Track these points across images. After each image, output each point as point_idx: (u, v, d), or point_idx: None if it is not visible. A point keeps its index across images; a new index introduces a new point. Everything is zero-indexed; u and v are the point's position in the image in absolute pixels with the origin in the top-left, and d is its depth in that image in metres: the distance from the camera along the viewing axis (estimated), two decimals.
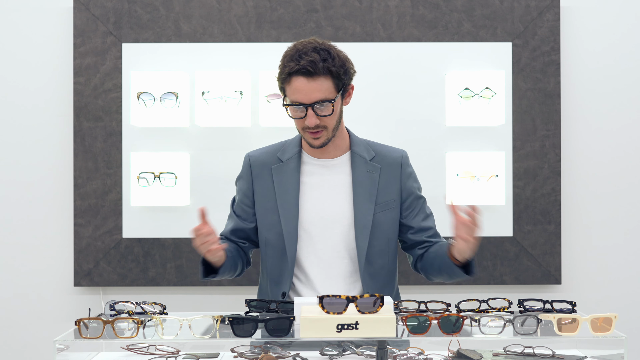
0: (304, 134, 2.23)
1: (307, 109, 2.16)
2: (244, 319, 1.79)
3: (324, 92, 2.16)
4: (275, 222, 2.26)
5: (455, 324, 1.79)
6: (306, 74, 2.14)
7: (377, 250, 2.26)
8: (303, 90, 2.15)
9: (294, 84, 2.16)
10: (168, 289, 3.33)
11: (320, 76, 2.14)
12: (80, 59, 3.27)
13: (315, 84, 2.15)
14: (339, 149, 2.31)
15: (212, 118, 3.21)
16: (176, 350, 2.06)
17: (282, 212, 2.25)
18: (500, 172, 3.25)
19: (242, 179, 2.37)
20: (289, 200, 2.26)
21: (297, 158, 2.30)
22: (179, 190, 3.24)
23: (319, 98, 2.15)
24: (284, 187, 2.27)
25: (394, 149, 2.38)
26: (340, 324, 1.73)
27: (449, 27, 3.30)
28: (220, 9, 3.29)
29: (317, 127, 2.19)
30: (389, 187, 2.29)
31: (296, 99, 2.16)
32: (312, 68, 2.13)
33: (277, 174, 2.29)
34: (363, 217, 2.24)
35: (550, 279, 3.31)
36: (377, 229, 2.26)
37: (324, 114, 2.18)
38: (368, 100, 3.29)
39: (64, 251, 3.34)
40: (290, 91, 2.17)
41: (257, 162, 2.34)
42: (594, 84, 3.36)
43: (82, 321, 1.79)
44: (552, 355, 1.98)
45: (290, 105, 2.19)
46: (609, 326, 1.83)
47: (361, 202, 2.24)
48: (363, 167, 2.28)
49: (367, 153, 2.31)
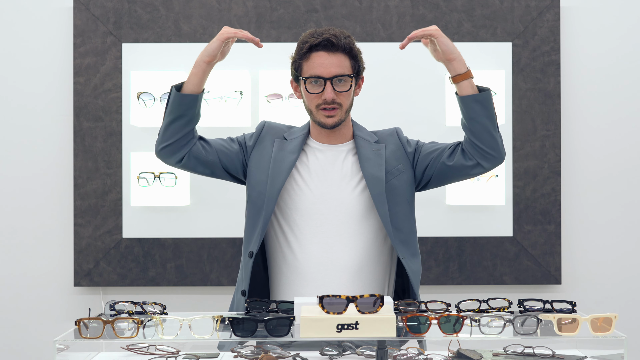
0: (317, 113, 2.25)
1: (325, 83, 2.19)
2: (244, 319, 1.79)
3: (342, 67, 2.21)
4: (261, 182, 2.27)
5: (455, 324, 1.79)
6: (327, 47, 2.19)
7: (401, 215, 2.28)
8: (323, 63, 2.19)
9: (314, 58, 2.21)
10: (168, 289, 3.33)
11: (339, 52, 2.21)
12: (80, 59, 3.28)
13: (335, 59, 2.20)
14: (344, 136, 2.34)
15: (212, 118, 3.21)
16: (176, 350, 2.06)
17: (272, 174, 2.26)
18: (500, 172, 3.25)
19: (246, 133, 2.41)
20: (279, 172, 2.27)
21: (301, 139, 2.33)
22: (179, 190, 3.24)
23: (339, 72, 2.20)
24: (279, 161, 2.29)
25: (387, 129, 2.44)
26: (340, 324, 1.73)
27: (449, 27, 3.30)
28: (220, 9, 3.29)
29: (334, 103, 2.22)
30: (395, 157, 2.33)
31: (315, 72, 2.20)
32: (335, 40, 2.20)
33: (278, 147, 2.32)
34: (376, 186, 2.25)
35: (550, 279, 3.31)
36: (394, 194, 2.28)
37: (342, 89, 2.22)
38: (368, 100, 3.29)
39: (64, 251, 3.34)
40: (310, 66, 2.21)
41: (268, 130, 2.37)
42: (594, 84, 3.36)
43: (82, 321, 1.79)
44: (552, 355, 1.98)
45: (309, 78, 2.21)
46: (609, 326, 1.83)
47: (371, 174, 2.26)
48: (368, 147, 2.32)
49: (370, 137, 2.36)
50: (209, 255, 3.29)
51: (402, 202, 2.30)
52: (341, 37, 2.21)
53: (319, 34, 2.21)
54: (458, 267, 3.31)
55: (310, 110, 2.27)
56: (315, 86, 2.21)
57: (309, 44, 2.20)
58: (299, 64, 2.23)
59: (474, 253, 3.31)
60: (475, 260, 3.31)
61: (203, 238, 3.29)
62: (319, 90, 2.21)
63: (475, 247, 3.31)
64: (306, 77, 2.21)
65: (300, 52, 2.23)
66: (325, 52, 2.20)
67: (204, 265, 3.29)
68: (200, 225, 3.29)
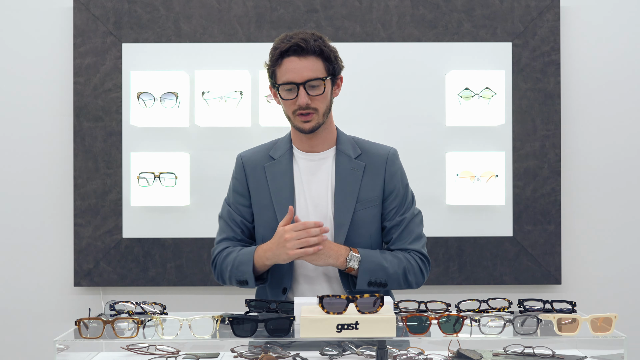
0: (294, 119, 2.23)
1: (298, 88, 2.17)
2: (244, 319, 1.79)
3: (315, 71, 2.18)
4: (271, 219, 2.26)
5: (455, 324, 1.79)
6: (297, 51, 2.16)
7: (357, 246, 2.25)
8: (294, 69, 2.17)
9: (286, 64, 2.18)
10: (168, 289, 3.33)
11: (311, 55, 2.17)
12: (80, 59, 3.28)
13: (306, 62, 2.17)
14: (326, 142, 2.31)
15: (212, 118, 3.21)
16: (176, 350, 2.06)
17: (278, 209, 2.25)
18: (500, 172, 3.25)
19: (236, 180, 2.35)
20: (284, 197, 2.26)
21: (289, 155, 2.30)
22: (179, 190, 3.24)
23: (311, 76, 2.17)
24: (278, 184, 2.27)
25: (381, 147, 2.35)
26: (340, 324, 1.73)
27: (449, 27, 3.30)
28: (220, 9, 3.29)
29: (308, 109, 2.19)
30: (372, 185, 2.28)
31: (288, 78, 2.18)
32: (304, 44, 2.16)
33: (270, 172, 2.29)
34: (342, 215, 2.24)
35: (550, 279, 3.31)
36: (358, 226, 2.26)
37: (316, 93, 2.19)
38: (368, 100, 3.30)
39: (64, 251, 3.34)
40: (282, 72, 2.19)
41: (250, 162, 2.34)
42: (594, 84, 3.36)
43: (82, 321, 1.79)
44: (552, 355, 1.98)
45: (282, 85, 2.19)
46: (609, 326, 1.83)
47: (342, 200, 2.24)
48: (347, 165, 2.28)
49: (353, 151, 2.30)
50: (209, 255, 3.29)
51: (365, 235, 2.25)
52: (310, 40, 2.17)
53: (288, 38, 2.18)
54: (458, 267, 3.31)
55: (289, 116, 2.25)
56: (289, 92, 2.19)
57: (279, 49, 2.18)
58: (273, 70, 2.21)
59: (474, 253, 3.31)
60: (475, 260, 3.31)
61: (203, 238, 3.29)
62: (293, 96, 2.19)
63: (475, 247, 3.31)
64: (279, 83, 2.19)
65: (272, 58, 2.20)
66: (295, 56, 2.17)
67: (204, 265, 3.29)
68: (200, 225, 3.28)
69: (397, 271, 2.21)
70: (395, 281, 2.22)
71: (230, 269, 2.23)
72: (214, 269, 2.33)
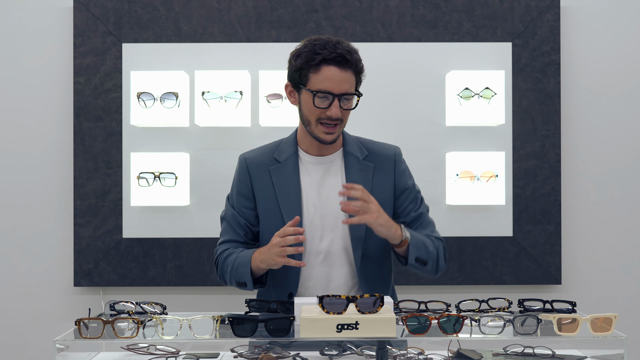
0: (315, 127, 2.19)
1: (333, 99, 2.14)
2: (244, 319, 1.79)
3: (351, 85, 2.17)
4: (278, 224, 2.22)
5: (455, 324, 1.79)
6: (340, 62, 2.14)
7: (373, 249, 2.25)
8: (335, 79, 2.14)
9: (325, 72, 2.14)
10: (168, 289, 3.33)
11: (349, 69, 2.16)
12: (80, 59, 3.28)
13: (345, 75, 2.15)
14: (334, 146, 2.29)
15: (212, 118, 3.21)
16: (176, 350, 2.06)
17: (286, 214, 2.22)
18: (500, 172, 3.25)
19: (240, 182, 2.32)
20: (291, 201, 2.23)
21: (294, 158, 2.27)
22: (179, 190, 3.23)
23: (348, 90, 2.16)
24: (285, 189, 2.25)
25: (386, 146, 2.36)
26: (340, 324, 1.73)
27: (449, 27, 3.30)
28: (220, 9, 3.29)
29: (337, 120, 2.17)
30: (382, 186, 2.28)
31: (326, 87, 2.14)
32: (350, 57, 2.14)
33: (276, 175, 2.26)
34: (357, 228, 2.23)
35: (550, 279, 3.31)
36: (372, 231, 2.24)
37: (347, 107, 2.18)
38: (368, 100, 3.29)
39: (64, 251, 3.34)
40: (320, 79, 2.14)
41: (254, 164, 2.30)
42: (594, 84, 3.36)
43: (82, 321, 1.79)
44: (552, 355, 1.98)
45: (318, 93, 2.15)
46: (609, 326, 1.83)
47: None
48: (356, 167, 2.27)
49: (360, 152, 2.30)
50: (209, 255, 3.29)
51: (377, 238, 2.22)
52: (354, 54, 2.16)
53: (332, 46, 2.14)
54: (458, 267, 3.31)
55: (309, 121, 2.20)
56: (323, 101, 2.15)
57: (321, 56, 2.13)
58: (306, 73, 2.16)
59: (474, 253, 3.31)
60: (475, 260, 3.31)
61: (203, 238, 3.29)
62: (326, 105, 2.15)
63: (475, 247, 3.31)
64: (315, 90, 2.15)
65: (310, 62, 2.15)
66: (337, 67, 2.14)
67: (204, 265, 3.29)
68: (200, 225, 3.28)
69: (434, 252, 2.23)
70: (433, 261, 2.22)
71: (230, 270, 2.23)
72: (216, 269, 2.33)
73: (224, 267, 2.26)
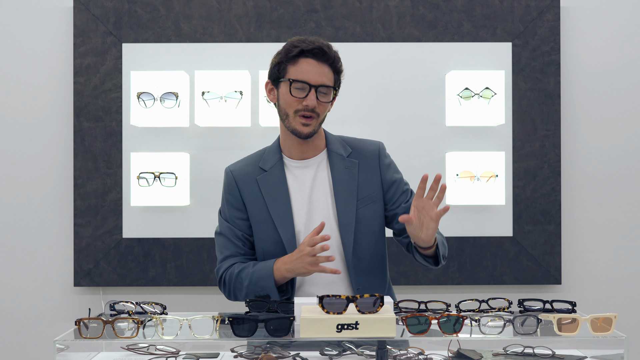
0: (293, 119, 2.22)
1: (310, 89, 2.18)
2: (244, 318, 1.79)
3: (329, 78, 2.22)
4: (271, 232, 2.25)
5: (455, 324, 1.79)
6: (318, 55, 2.20)
7: (363, 245, 2.27)
8: (312, 71, 2.19)
9: (303, 64, 2.20)
10: (168, 289, 3.33)
11: (327, 64, 2.21)
12: (80, 59, 3.28)
13: (323, 69, 2.20)
14: (317, 148, 2.31)
15: (212, 118, 3.21)
16: (176, 350, 2.06)
17: (278, 221, 2.25)
18: (500, 172, 3.25)
19: (229, 195, 2.34)
20: (281, 208, 2.26)
21: (280, 164, 2.30)
22: (179, 190, 3.23)
23: (325, 82, 2.20)
24: (274, 197, 2.27)
25: (369, 142, 2.38)
26: (340, 324, 1.73)
27: (449, 27, 3.30)
28: (220, 9, 3.29)
29: (313, 112, 2.20)
30: (369, 181, 2.30)
31: (303, 78, 2.19)
32: (327, 50, 2.20)
33: (264, 184, 2.29)
34: (346, 214, 2.25)
35: (550, 279, 3.31)
36: (361, 224, 2.27)
37: (324, 100, 2.21)
38: (368, 100, 3.30)
39: (64, 251, 3.34)
40: (297, 70, 2.20)
41: (241, 175, 2.33)
42: (594, 84, 3.36)
43: (82, 321, 1.79)
44: (552, 355, 1.98)
45: (295, 82, 2.19)
46: (609, 326, 1.83)
47: (343, 200, 2.25)
48: (341, 164, 2.29)
49: (344, 150, 2.32)
50: (209, 255, 3.29)
51: (368, 232, 2.27)
52: (332, 50, 2.22)
53: (310, 41, 2.21)
54: (458, 267, 3.31)
55: (287, 114, 2.23)
56: (299, 91, 2.19)
57: (300, 48, 2.19)
58: (285, 66, 2.22)
59: (474, 253, 3.31)
60: (475, 260, 3.31)
61: (203, 238, 3.29)
62: (302, 96, 2.19)
63: (475, 247, 3.31)
64: (293, 79, 2.19)
65: (289, 54, 2.21)
66: (314, 59, 2.20)
67: (204, 265, 3.29)
68: (200, 225, 3.28)
69: (445, 245, 2.30)
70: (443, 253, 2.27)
71: (248, 284, 2.21)
72: (223, 288, 2.30)
73: (237, 284, 2.24)
